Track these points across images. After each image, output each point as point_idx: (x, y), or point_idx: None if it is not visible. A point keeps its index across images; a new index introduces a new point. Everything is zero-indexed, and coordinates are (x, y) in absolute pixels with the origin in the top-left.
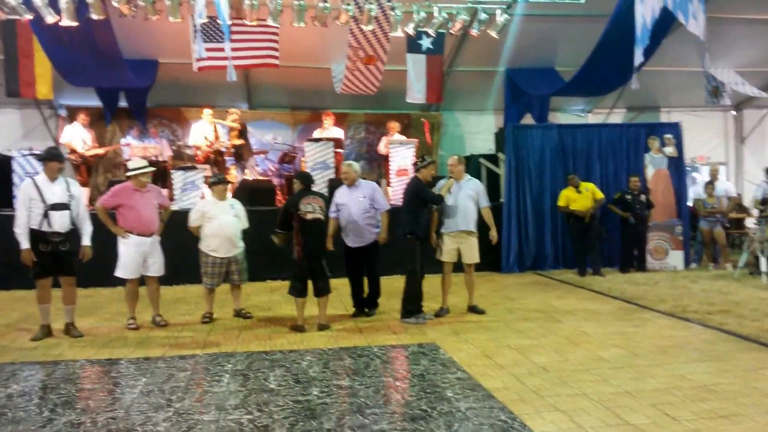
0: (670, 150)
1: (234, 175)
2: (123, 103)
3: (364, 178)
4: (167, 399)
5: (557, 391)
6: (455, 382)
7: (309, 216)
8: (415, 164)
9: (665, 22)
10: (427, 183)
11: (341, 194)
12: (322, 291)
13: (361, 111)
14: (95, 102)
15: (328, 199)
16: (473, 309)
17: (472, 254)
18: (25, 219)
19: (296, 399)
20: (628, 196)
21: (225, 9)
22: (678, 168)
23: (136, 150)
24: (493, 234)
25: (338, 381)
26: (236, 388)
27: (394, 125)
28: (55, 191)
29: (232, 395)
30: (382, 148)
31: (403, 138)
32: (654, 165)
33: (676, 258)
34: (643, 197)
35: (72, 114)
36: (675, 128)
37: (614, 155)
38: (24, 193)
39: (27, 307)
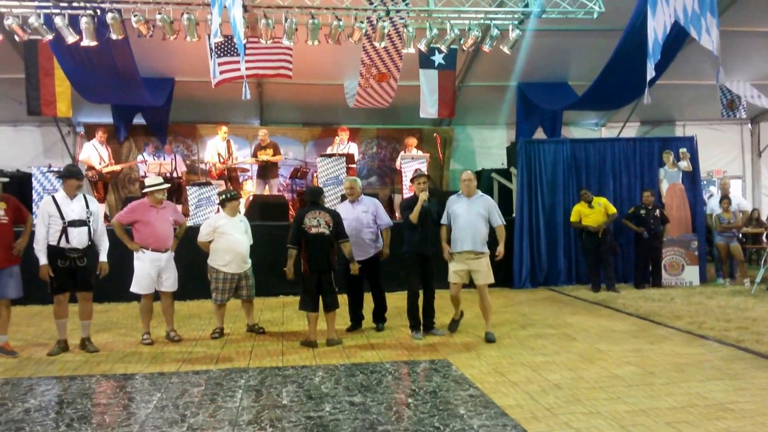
0: (684, 164)
1: (247, 191)
2: (138, 120)
3: (375, 194)
4: (181, 414)
5: (571, 409)
6: (468, 399)
7: (313, 230)
8: (411, 180)
9: (679, 37)
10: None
11: (343, 209)
12: (330, 306)
13: (373, 126)
14: (111, 119)
15: (336, 214)
16: (488, 336)
17: (483, 275)
18: (43, 235)
19: (309, 415)
20: (642, 211)
21: (240, 28)
22: (693, 182)
23: (152, 166)
24: (500, 250)
25: (350, 397)
26: (249, 403)
27: (412, 141)
28: (74, 208)
29: (245, 411)
30: (398, 163)
31: (419, 153)
32: (669, 179)
33: (691, 273)
34: (657, 212)
35: (90, 131)
36: (690, 142)
37: (628, 170)
38: (43, 209)
39: (43, 322)
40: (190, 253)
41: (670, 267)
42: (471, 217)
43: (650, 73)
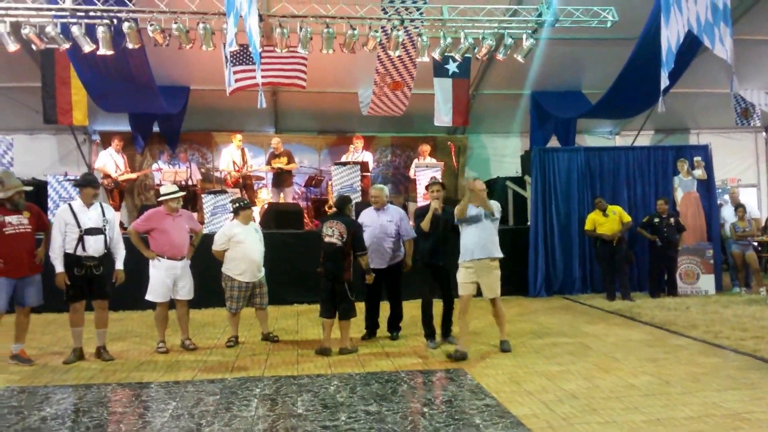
0: (699, 172)
1: (262, 199)
2: (154, 129)
3: (391, 202)
4: (197, 423)
5: (587, 419)
6: (483, 408)
7: (326, 239)
8: (426, 188)
9: (692, 46)
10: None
11: (368, 216)
12: (343, 314)
13: (387, 134)
14: (126, 127)
15: (354, 226)
16: (502, 345)
17: (491, 287)
18: (60, 243)
19: (324, 424)
20: (656, 219)
21: (256, 37)
22: (708, 190)
23: (167, 174)
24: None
25: (366, 406)
26: (264, 412)
27: (426, 148)
28: (91, 216)
29: (260, 420)
30: (412, 171)
31: (433, 161)
32: (683, 188)
33: (707, 282)
34: (671, 220)
35: (105, 139)
36: (704, 150)
37: (642, 178)
38: (60, 217)
39: (58, 330)
40: (205, 261)
41: (686, 276)
42: (479, 224)
43: (664, 81)
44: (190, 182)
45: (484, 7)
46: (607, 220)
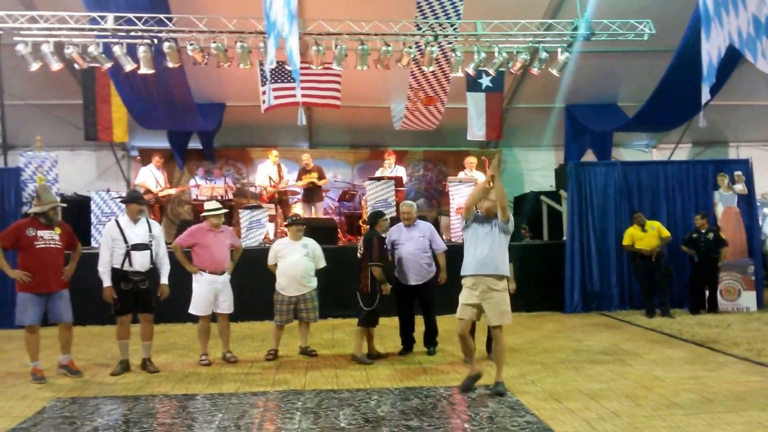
0: (740, 187)
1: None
2: (191, 145)
3: (423, 216)
4: None
5: None
6: (525, 425)
7: (358, 255)
8: None
9: (732, 58)
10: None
11: (398, 233)
12: (358, 321)
13: (420, 148)
14: (163, 144)
15: (366, 238)
16: (496, 388)
17: (498, 311)
18: (107, 258)
19: None
20: (695, 235)
21: (297, 57)
22: (749, 205)
23: (204, 190)
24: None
25: (407, 421)
26: (308, 425)
27: (472, 160)
28: (138, 232)
29: None
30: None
31: (472, 174)
32: (724, 202)
33: (748, 299)
34: (711, 235)
35: (144, 155)
36: (745, 165)
37: (681, 193)
38: (107, 234)
39: (103, 343)
40: (241, 275)
41: (726, 292)
42: (485, 234)
43: (705, 96)
44: (226, 197)
45: (519, 22)
46: (646, 235)
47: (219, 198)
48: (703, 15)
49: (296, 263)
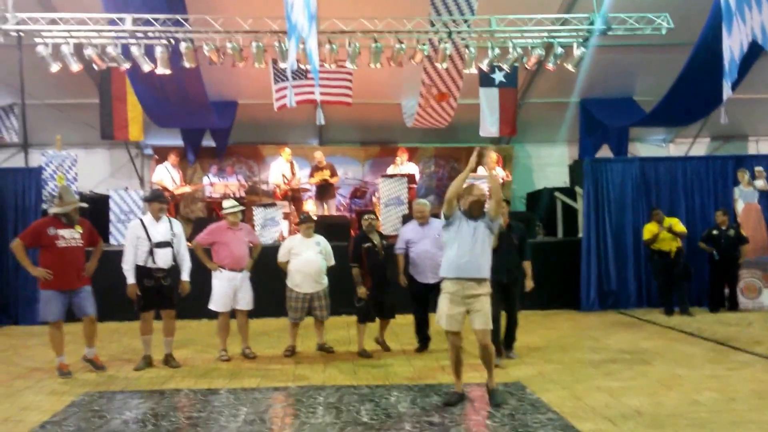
0: (761, 183)
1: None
2: (204, 143)
3: (434, 214)
4: (269, 428)
5: None
6: (546, 422)
7: None
8: None
9: (752, 52)
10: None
11: (413, 231)
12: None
13: (431, 145)
14: (176, 141)
15: (350, 242)
16: (492, 394)
17: (485, 314)
18: (132, 256)
19: None
20: (715, 231)
21: (316, 58)
22: None
23: (218, 187)
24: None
25: (429, 417)
26: (331, 420)
27: (492, 156)
28: (160, 230)
29: (329, 427)
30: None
31: (502, 172)
32: (744, 199)
33: None
34: (731, 232)
35: (159, 153)
36: (765, 160)
37: (701, 189)
38: (132, 232)
39: (124, 339)
40: (259, 272)
41: (747, 290)
42: (471, 233)
43: (726, 92)
44: (239, 195)
45: (534, 17)
46: (668, 236)
47: (233, 195)
48: (724, 10)
49: (311, 260)
